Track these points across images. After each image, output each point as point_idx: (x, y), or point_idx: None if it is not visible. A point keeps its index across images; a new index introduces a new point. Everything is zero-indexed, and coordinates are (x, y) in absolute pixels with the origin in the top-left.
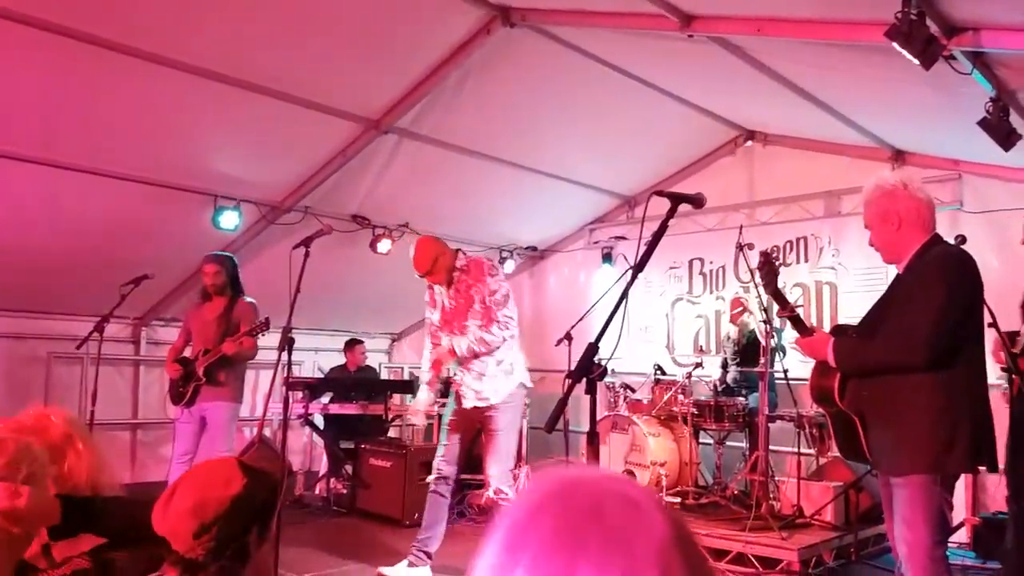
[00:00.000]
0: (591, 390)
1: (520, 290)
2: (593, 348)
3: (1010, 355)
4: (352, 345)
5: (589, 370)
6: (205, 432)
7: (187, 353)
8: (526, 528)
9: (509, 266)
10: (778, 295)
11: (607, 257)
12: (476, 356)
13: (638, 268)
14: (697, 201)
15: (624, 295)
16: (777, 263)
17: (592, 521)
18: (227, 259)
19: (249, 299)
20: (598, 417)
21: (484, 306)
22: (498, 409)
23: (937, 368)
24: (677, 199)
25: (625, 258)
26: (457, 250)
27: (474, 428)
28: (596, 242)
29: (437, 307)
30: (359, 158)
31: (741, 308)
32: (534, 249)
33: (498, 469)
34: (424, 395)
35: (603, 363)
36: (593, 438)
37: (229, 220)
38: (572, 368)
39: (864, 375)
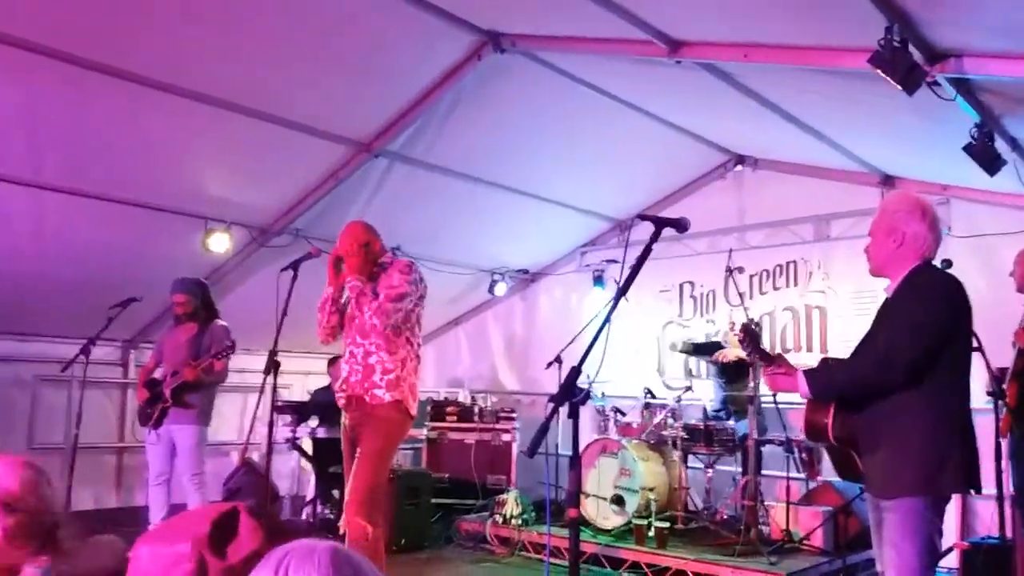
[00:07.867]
0: (574, 414)
1: (512, 313)
2: (576, 372)
3: (995, 380)
4: (331, 362)
5: (571, 394)
6: (176, 455)
7: (157, 374)
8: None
9: (501, 289)
10: (764, 356)
11: (599, 280)
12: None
13: (621, 292)
14: (680, 225)
15: (607, 319)
16: (758, 329)
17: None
18: (195, 285)
19: (222, 322)
20: (588, 441)
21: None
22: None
23: (923, 389)
24: (660, 223)
25: (616, 281)
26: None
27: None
28: (588, 265)
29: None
30: (350, 181)
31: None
32: (525, 272)
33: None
34: None
35: (589, 386)
36: (575, 463)
37: (219, 243)
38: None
39: (842, 397)
